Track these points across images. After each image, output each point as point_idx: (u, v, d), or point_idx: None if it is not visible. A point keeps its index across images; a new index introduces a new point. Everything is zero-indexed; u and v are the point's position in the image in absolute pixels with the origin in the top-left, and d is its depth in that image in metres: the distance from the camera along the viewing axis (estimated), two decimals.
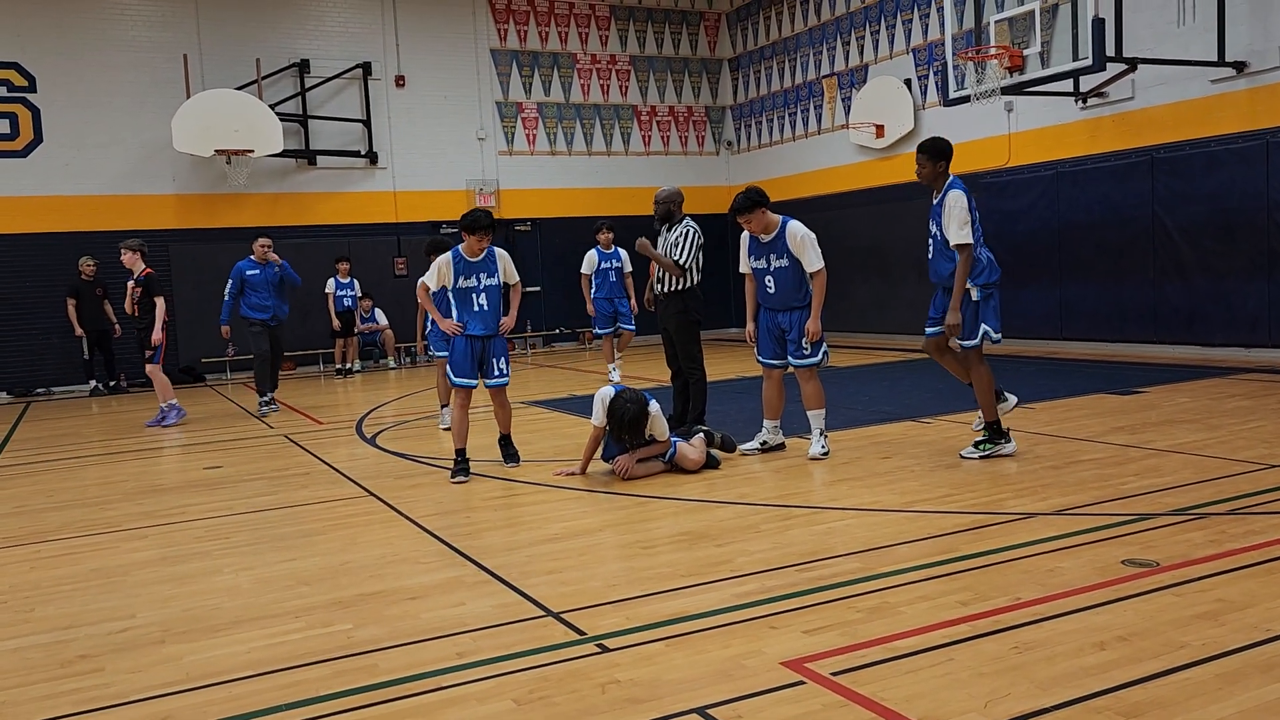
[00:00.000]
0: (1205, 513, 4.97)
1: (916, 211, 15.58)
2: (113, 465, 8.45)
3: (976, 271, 6.39)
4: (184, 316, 15.95)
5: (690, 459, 6.66)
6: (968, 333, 6.43)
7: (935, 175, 6.49)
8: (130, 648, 3.89)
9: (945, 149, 6.47)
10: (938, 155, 6.45)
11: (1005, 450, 6.56)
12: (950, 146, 6.51)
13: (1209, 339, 11.70)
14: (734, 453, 7.13)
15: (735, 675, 3.29)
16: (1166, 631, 3.45)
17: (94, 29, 15.38)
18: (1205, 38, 11.29)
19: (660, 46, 19.88)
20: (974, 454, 6.52)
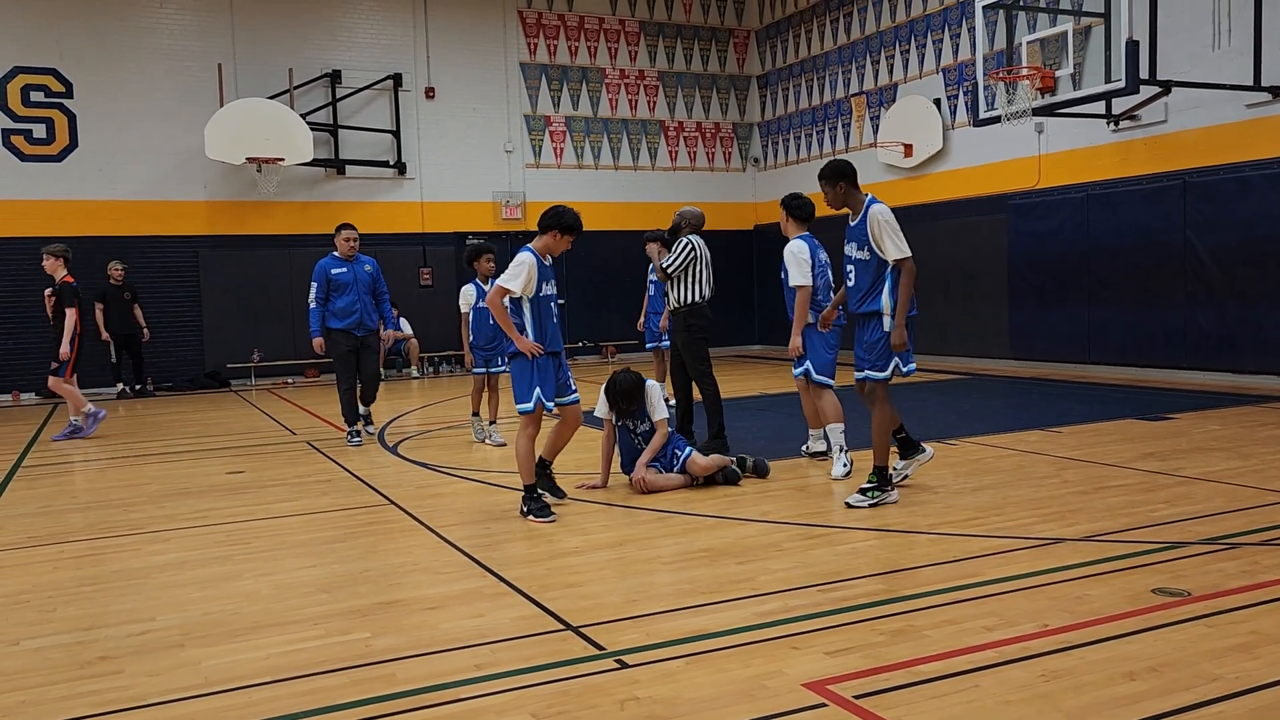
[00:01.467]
0: (1237, 542, 4.88)
1: (945, 232, 15.52)
2: (137, 468, 8.50)
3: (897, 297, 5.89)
4: (210, 321, 16.10)
5: (700, 464, 6.68)
6: (880, 364, 5.94)
7: (841, 197, 6.03)
8: (150, 650, 3.89)
9: (842, 168, 6.03)
10: (836, 176, 6.02)
11: (890, 499, 5.91)
12: (848, 165, 6.06)
13: (1241, 366, 11.53)
14: (766, 477, 6.91)
15: (756, 695, 3.24)
16: (1199, 663, 3.38)
17: (131, 37, 15.59)
18: (1241, 61, 11.17)
19: (689, 62, 19.93)
20: (862, 502, 5.87)
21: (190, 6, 15.96)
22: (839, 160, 6.16)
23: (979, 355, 15.13)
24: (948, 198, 15.57)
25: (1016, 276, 14.35)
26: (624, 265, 17.72)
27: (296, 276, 16.55)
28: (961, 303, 15.39)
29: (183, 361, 15.93)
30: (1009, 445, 7.93)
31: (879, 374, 5.97)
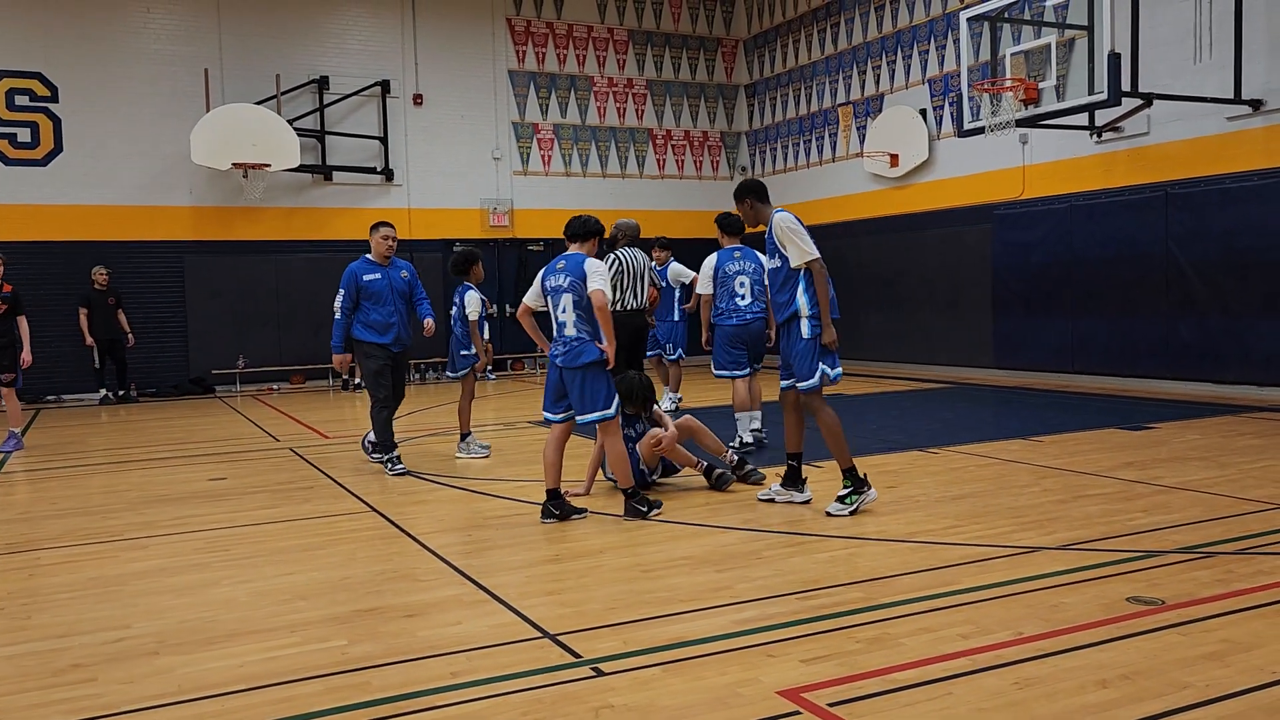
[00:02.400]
0: (1213, 551, 4.91)
1: (931, 242, 15.60)
2: (117, 474, 8.46)
3: (814, 303, 5.93)
4: (195, 327, 16.03)
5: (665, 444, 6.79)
6: (805, 373, 5.96)
7: (752, 214, 6.18)
8: (124, 658, 3.87)
9: (747, 186, 6.21)
10: (741, 194, 6.21)
11: (870, 498, 6.00)
12: (754, 183, 6.23)
13: (1221, 376, 11.61)
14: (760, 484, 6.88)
15: (730, 703, 3.25)
16: (1170, 671, 3.40)
17: (117, 41, 15.54)
18: (1222, 74, 11.28)
19: (677, 71, 19.98)
20: (842, 510, 5.92)
21: (177, 11, 15.93)
22: (746, 179, 6.35)
23: (964, 364, 15.19)
24: (933, 208, 15.64)
25: (1001, 286, 14.42)
26: None
27: (282, 283, 16.56)
28: (946, 312, 15.45)
29: (167, 367, 15.86)
30: (991, 454, 7.97)
31: (807, 382, 5.98)
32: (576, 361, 5.96)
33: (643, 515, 6.02)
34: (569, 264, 6.07)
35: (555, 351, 6.08)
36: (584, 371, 5.97)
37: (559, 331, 6.09)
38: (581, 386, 5.98)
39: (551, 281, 6.10)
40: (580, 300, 5.98)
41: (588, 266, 5.99)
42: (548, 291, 6.13)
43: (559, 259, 6.16)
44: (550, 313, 6.16)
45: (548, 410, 6.20)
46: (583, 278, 5.97)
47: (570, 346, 6.00)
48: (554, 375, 6.13)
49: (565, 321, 6.03)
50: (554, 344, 6.12)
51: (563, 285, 6.03)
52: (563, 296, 6.02)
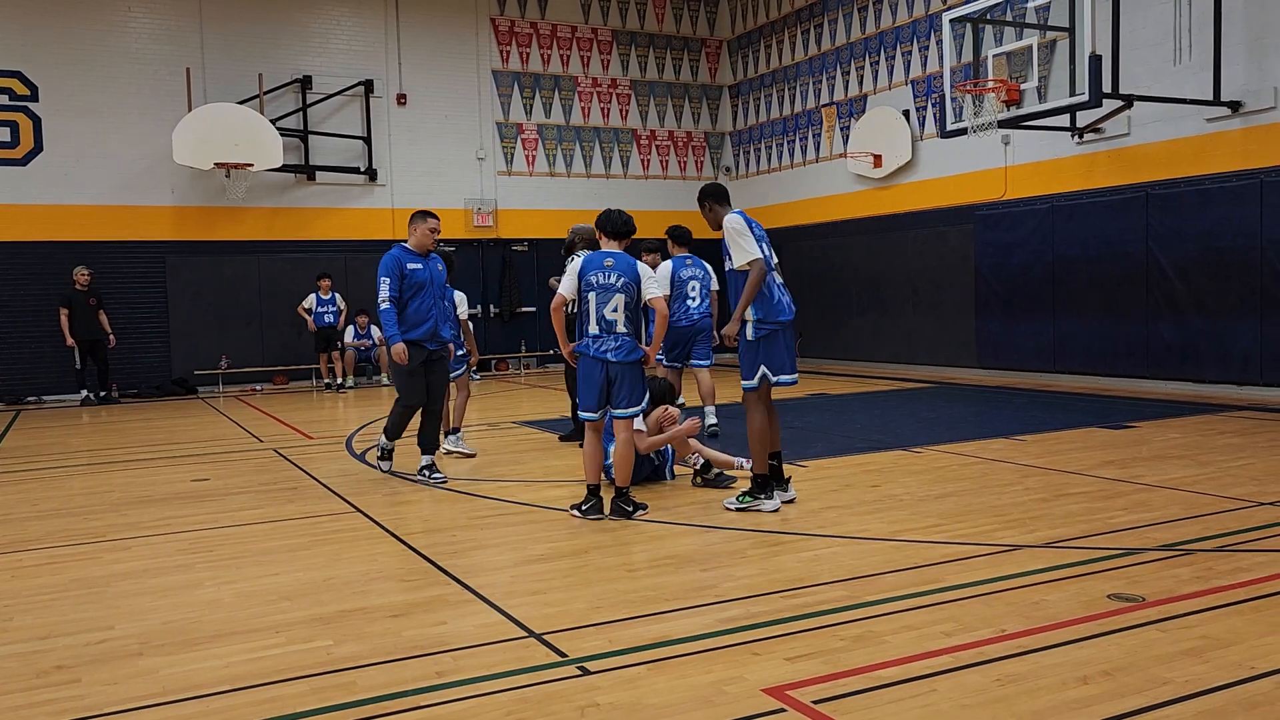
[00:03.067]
0: (1192, 549, 4.97)
1: (914, 242, 15.68)
2: (100, 475, 8.40)
3: (769, 305, 6.01)
4: (177, 327, 15.95)
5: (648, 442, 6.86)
6: (745, 373, 6.08)
7: (712, 217, 6.29)
8: (107, 659, 3.86)
9: (707, 190, 6.36)
10: (701, 199, 6.37)
11: (765, 508, 6.04)
12: (714, 186, 6.38)
13: (1201, 375, 11.72)
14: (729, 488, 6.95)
15: (716, 701, 3.26)
16: (1150, 667, 3.44)
17: (98, 40, 15.44)
18: (1201, 76, 11.38)
19: (661, 71, 20.01)
20: (733, 504, 6.12)
21: (158, 10, 15.83)
22: (707, 183, 6.48)
23: (946, 364, 15.28)
24: (916, 208, 15.72)
25: (983, 286, 14.51)
26: None
27: (265, 283, 16.48)
28: (929, 312, 15.53)
29: (149, 368, 15.77)
30: (974, 453, 8.02)
31: (745, 381, 6.10)
32: (630, 357, 6.03)
33: (628, 515, 6.04)
34: (620, 264, 6.06)
35: (604, 347, 6.01)
36: (634, 368, 6.07)
37: (607, 328, 6.02)
38: (630, 382, 6.06)
39: (599, 278, 6.02)
40: (631, 301, 6.03)
41: (643, 271, 6.11)
42: (594, 288, 6.03)
43: (604, 255, 6.11)
44: (590, 308, 6.04)
45: (591, 410, 6.09)
46: (638, 281, 6.06)
47: (624, 343, 6.03)
48: (598, 372, 6.03)
49: (615, 320, 6.02)
50: (598, 340, 6.03)
51: (615, 284, 6.02)
52: (615, 295, 6.01)
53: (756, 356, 6.04)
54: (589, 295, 6.06)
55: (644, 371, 6.19)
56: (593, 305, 6.04)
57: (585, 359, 6.10)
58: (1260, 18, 10.99)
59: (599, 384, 6.05)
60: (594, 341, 6.05)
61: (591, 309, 6.05)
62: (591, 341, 6.06)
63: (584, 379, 6.11)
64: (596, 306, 6.03)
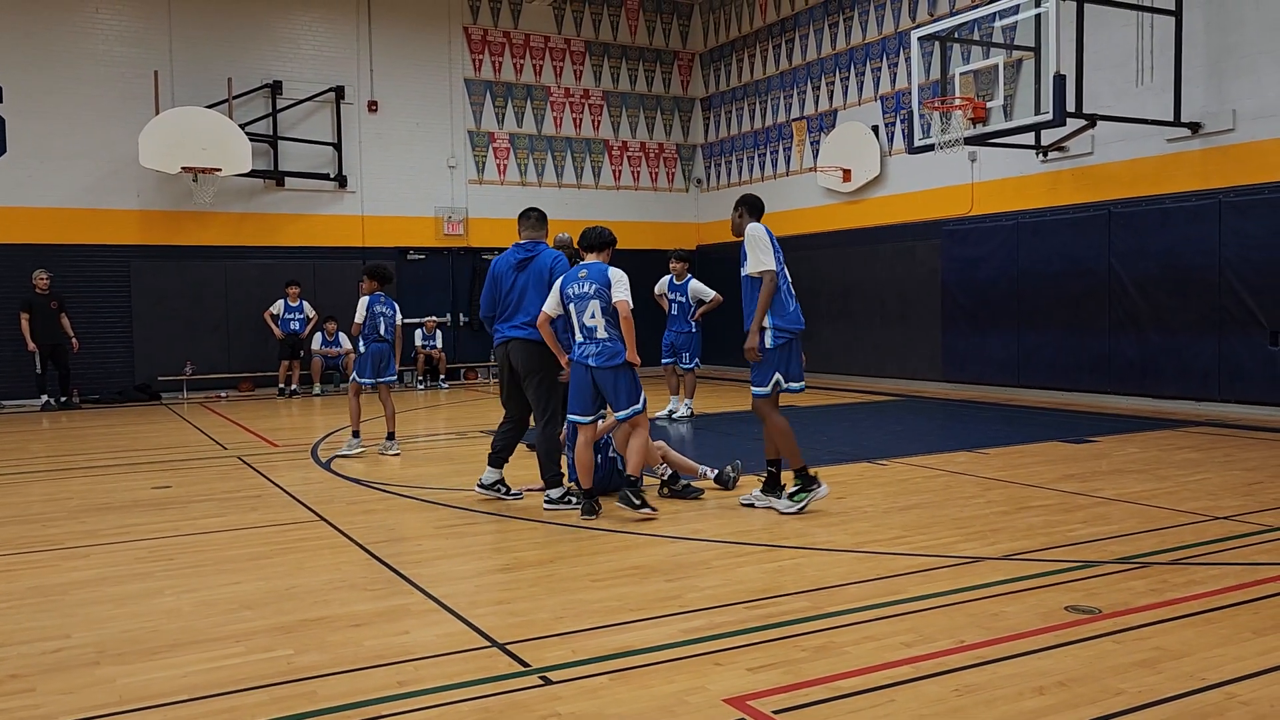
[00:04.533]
0: (1148, 562, 5.05)
1: (883, 255, 15.82)
2: (59, 482, 8.29)
3: (782, 314, 6.28)
4: (141, 333, 15.76)
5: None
6: (759, 380, 6.32)
7: (738, 223, 6.57)
8: (63, 668, 3.81)
9: (744, 198, 6.63)
10: (738, 204, 6.62)
11: (819, 494, 6.32)
12: (751, 198, 6.65)
13: (1160, 391, 11.92)
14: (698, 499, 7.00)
15: (677, 711, 3.28)
16: (1104, 678, 3.49)
17: (65, 41, 15.26)
18: (1162, 98, 11.60)
19: (634, 83, 20.08)
20: (791, 507, 6.27)
21: (126, 12, 15.69)
22: (751, 194, 6.72)
23: (912, 377, 15.42)
24: (884, 222, 15.87)
25: (949, 301, 14.67)
26: None
27: (233, 288, 16.34)
28: (896, 325, 15.67)
29: (111, 373, 15.56)
30: (938, 466, 8.10)
31: (758, 389, 6.35)
32: (613, 361, 6.26)
33: (634, 507, 6.19)
34: (592, 272, 6.34)
35: (585, 353, 6.30)
36: (618, 371, 6.28)
37: (588, 335, 6.30)
38: (616, 384, 6.29)
39: (575, 289, 6.31)
40: (607, 306, 6.25)
41: (612, 275, 6.32)
42: (570, 299, 6.33)
43: (579, 268, 6.41)
44: (573, 318, 6.34)
45: (579, 413, 6.39)
46: (608, 285, 6.27)
47: (604, 347, 6.27)
48: (584, 377, 6.33)
49: (595, 325, 6.27)
50: (580, 346, 6.34)
51: (589, 292, 6.27)
52: (590, 303, 6.26)
53: (773, 364, 6.29)
54: (569, 306, 6.35)
55: (629, 371, 6.32)
56: (573, 314, 6.35)
57: (574, 364, 6.39)
58: (1220, 41, 11.23)
59: (584, 387, 6.34)
60: (579, 348, 6.35)
61: (574, 318, 6.34)
62: (577, 348, 6.37)
63: (573, 384, 6.41)
64: (576, 314, 6.33)
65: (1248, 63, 10.99)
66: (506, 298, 6.87)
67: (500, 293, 6.91)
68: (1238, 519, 5.99)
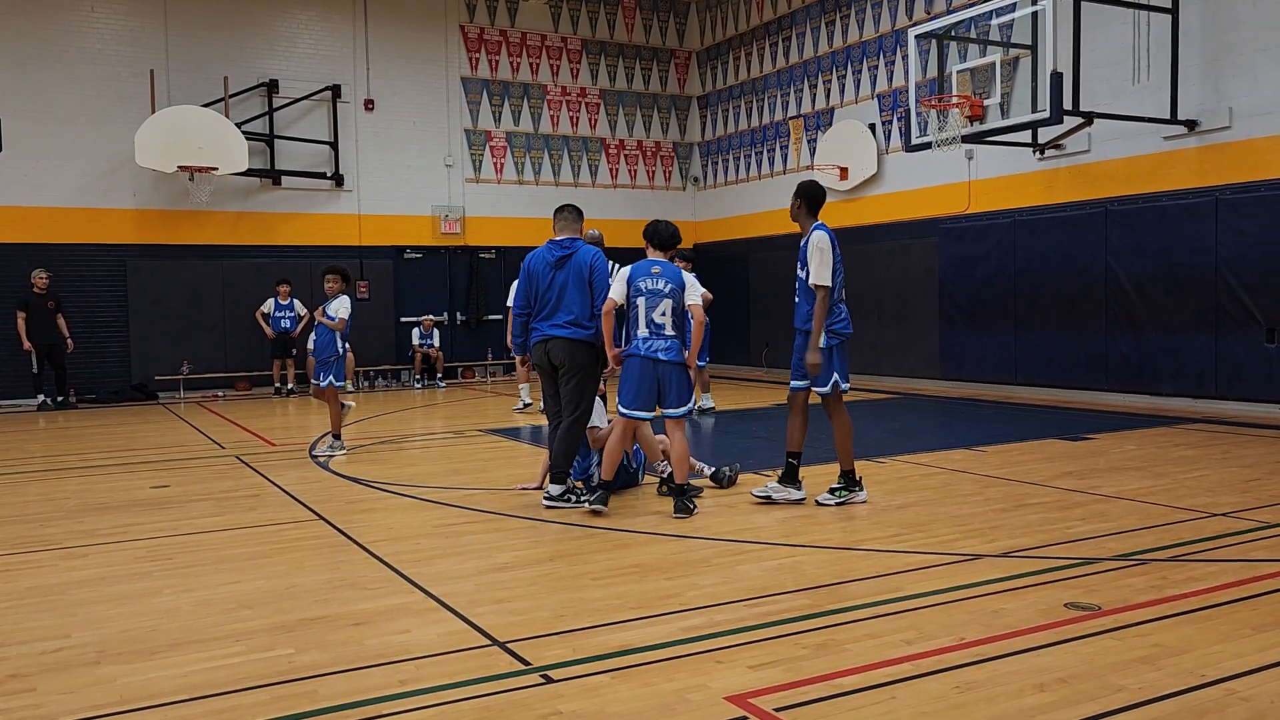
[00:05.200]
0: (1147, 559, 5.06)
1: (879, 254, 15.83)
2: (56, 482, 8.27)
3: (834, 318, 6.42)
4: (138, 332, 15.73)
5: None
6: (822, 380, 6.47)
7: (796, 213, 6.61)
8: (63, 668, 3.80)
9: (810, 190, 6.59)
10: (797, 194, 6.62)
11: (858, 499, 6.55)
12: (815, 190, 6.60)
13: (1158, 389, 11.94)
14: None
15: (678, 709, 3.28)
16: (1104, 675, 3.50)
17: (60, 40, 15.22)
18: (1159, 96, 11.62)
19: (630, 82, 20.07)
20: (829, 500, 6.53)
21: (122, 11, 15.65)
22: (810, 182, 6.68)
23: (910, 375, 15.43)
24: (881, 220, 15.88)
25: (947, 299, 14.69)
26: None
27: (229, 288, 16.31)
28: (894, 324, 15.68)
29: (108, 373, 15.54)
30: (936, 464, 8.11)
31: (821, 389, 6.51)
32: (680, 357, 6.33)
33: (689, 511, 6.23)
34: (666, 271, 6.39)
35: (654, 347, 6.30)
36: (682, 368, 6.33)
37: (655, 330, 6.32)
38: (678, 382, 6.33)
39: (648, 284, 6.35)
40: (679, 307, 6.34)
41: (686, 277, 6.43)
42: (641, 293, 6.34)
43: (651, 263, 6.44)
44: (640, 312, 6.34)
45: (641, 408, 6.34)
46: (682, 287, 6.38)
47: (672, 343, 6.34)
48: (650, 371, 6.30)
49: (664, 323, 6.33)
50: (647, 341, 6.31)
51: (663, 290, 6.35)
52: (663, 300, 6.33)
53: (831, 365, 6.45)
54: (638, 300, 6.35)
55: (689, 375, 6.38)
56: (642, 310, 6.34)
57: (635, 358, 6.34)
58: (1216, 39, 11.25)
59: (650, 381, 6.32)
60: (644, 343, 6.33)
61: (641, 313, 6.35)
62: (641, 343, 6.34)
63: (634, 378, 6.35)
64: (646, 310, 6.34)
65: (1244, 60, 11.01)
66: (544, 295, 6.73)
67: (537, 290, 6.77)
68: (1236, 515, 6.01)
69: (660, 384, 6.34)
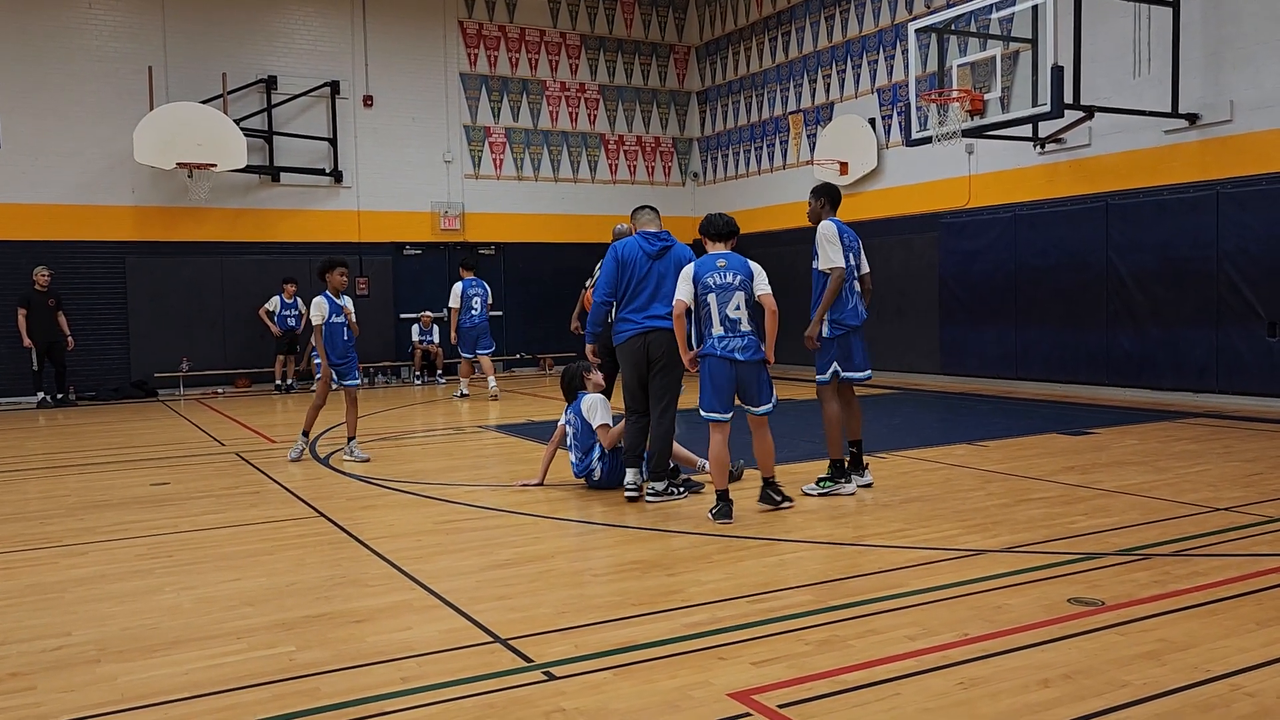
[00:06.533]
0: (1150, 553, 5.04)
1: (879, 249, 15.76)
2: (56, 479, 8.26)
3: (840, 309, 6.57)
4: (137, 329, 15.71)
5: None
6: (820, 368, 6.65)
7: (821, 215, 6.76)
8: (64, 666, 3.79)
9: (831, 192, 6.81)
10: (817, 194, 6.83)
11: (844, 491, 6.64)
12: (838, 193, 6.85)
13: (1159, 383, 11.92)
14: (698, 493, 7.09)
15: (681, 706, 3.27)
16: (1109, 670, 3.48)
17: (59, 37, 15.18)
18: (1159, 89, 11.59)
19: (630, 77, 20.03)
20: (813, 490, 6.65)
21: (120, 7, 15.61)
22: (830, 184, 6.91)
23: (911, 370, 15.42)
24: (881, 215, 15.85)
25: (947, 294, 14.66)
26: (563, 277, 17.71)
27: (228, 284, 16.29)
28: (894, 319, 15.66)
29: (108, 370, 15.52)
30: (937, 459, 8.10)
31: (819, 375, 6.69)
32: (759, 355, 6.12)
33: (776, 504, 6.19)
34: (732, 263, 6.13)
35: (730, 347, 6.02)
36: (763, 365, 6.15)
37: (731, 328, 6.05)
38: (760, 379, 6.15)
39: (716, 279, 6.07)
40: (750, 299, 6.12)
41: (753, 267, 6.19)
42: (711, 289, 6.06)
43: (715, 256, 6.17)
44: (712, 310, 6.06)
45: (721, 410, 6.08)
46: (751, 277, 6.13)
47: (749, 340, 6.09)
48: (728, 372, 6.04)
49: (739, 318, 6.07)
50: (723, 340, 6.04)
51: (732, 283, 6.07)
52: (735, 294, 6.07)
53: (831, 354, 6.59)
54: (708, 297, 6.08)
55: (768, 370, 6.20)
56: (714, 306, 6.07)
57: (712, 359, 6.07)
58: (1217, 33, 11.22)
59: (728, 383, 6.07)
60: (720, 342, 6.07)
61: (714, 310, 6.07)
62: (717, 342, 6.07)
63: (710, 379, 6.09)
64: (719, 307, 6.07)
65: (1245, 54, 10.98)
66: (639, 285, 6.72)
67: (630, 280, 6.74)
68: (1238, 510, 5.99)
69: (741, 384, 6.09)
